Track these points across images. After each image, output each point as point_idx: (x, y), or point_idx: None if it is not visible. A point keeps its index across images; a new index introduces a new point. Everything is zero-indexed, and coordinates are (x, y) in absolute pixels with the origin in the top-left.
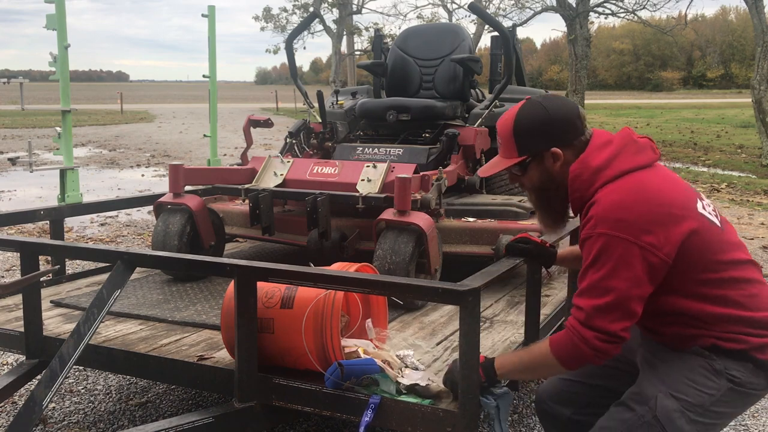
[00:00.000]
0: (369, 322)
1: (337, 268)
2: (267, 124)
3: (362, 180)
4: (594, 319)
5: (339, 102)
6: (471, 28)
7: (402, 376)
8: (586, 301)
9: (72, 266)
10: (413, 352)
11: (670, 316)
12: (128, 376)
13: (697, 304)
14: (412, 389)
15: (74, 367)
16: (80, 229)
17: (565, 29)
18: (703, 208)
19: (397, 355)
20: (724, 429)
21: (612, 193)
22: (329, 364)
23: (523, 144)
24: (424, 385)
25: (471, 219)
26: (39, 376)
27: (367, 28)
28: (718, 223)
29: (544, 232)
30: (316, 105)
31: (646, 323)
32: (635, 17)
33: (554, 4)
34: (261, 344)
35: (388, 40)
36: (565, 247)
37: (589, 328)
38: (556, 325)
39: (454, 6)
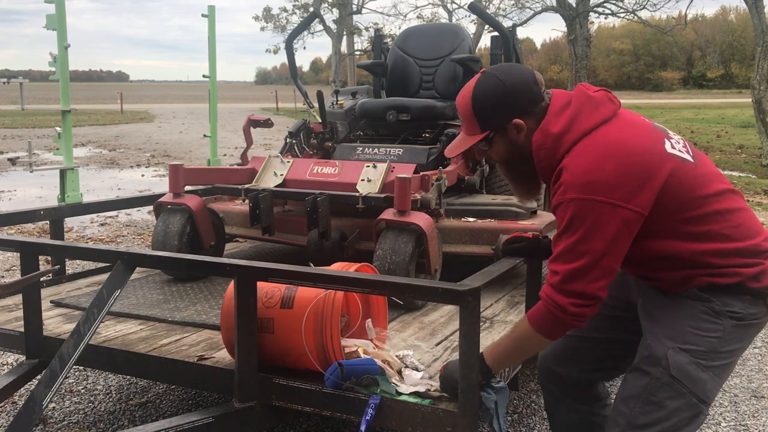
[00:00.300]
0: (369, 322)
1: (338, 268)
2: (267, 124)
3: (362, 180)
4: (570, 283)
5: (339, 102)
6: (471, 28)
7: (402, 378)
8: (561, 266)
9: (72, 266)
10: (413, 352)
11: (659, 261)
12: (128, 376)
13: (683, 244)
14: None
15: (74, 367)
16: (80, 229)
17: (565, 29)
18: (672, 147)
19: (396, 355)
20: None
21: (578, 156)
22: (329, 364)
23: (485, 119)
24: (424, 390)
25: (471, 219)
26: (39, 376)
27: (367, 28)
28: (691, 159)
29: (520, 202)
30: (316, 105)
31: (638, 271)
32: (635, 17)
33: (554, 4)
34: (261, 344)
35: (388, 40)
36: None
37: (564, 293)
38: None
39: (454, 6)
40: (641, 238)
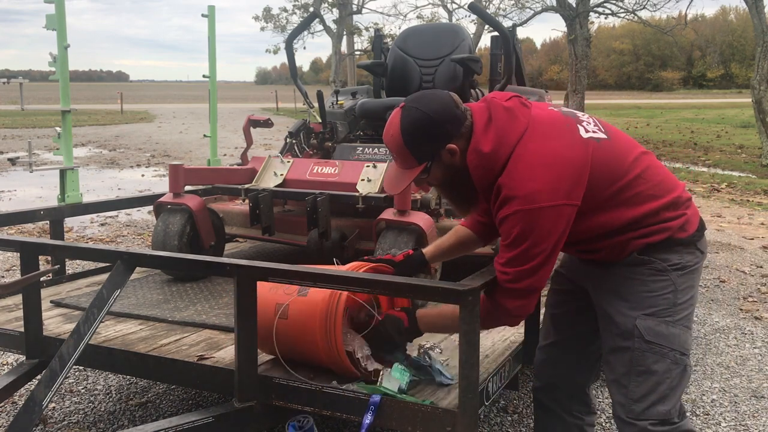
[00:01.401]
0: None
1: (352, 268)
2: (267, 124)
3: (362, 180)
4: (521, 281)
5: (339, 102)
6: (471, 28)
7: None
8: (512, 268)
9: (72, 266)
10: (432, 342)
11: (599, 235)
12: (128, 376)
13: (618, 212)
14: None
15: (74, 367)
16: (80, 229)
17: (565, 29)
18: (586, 131)
19: (420, 345)
20: None
21: (512, 172)
22: (333, 354)
23: (419, 152)
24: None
25: None
26: (39, 376)
27: (367, 28)
28: (605, 136)
29: (462, 216)
30: (316, 105)
31: (580, 247)
32: (635, 17)
33: (554, 4)
34: (277, 331)
35: (388, 40)
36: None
37: (511, 294)
38: None
39: (454, 6)
40: (580, 220)
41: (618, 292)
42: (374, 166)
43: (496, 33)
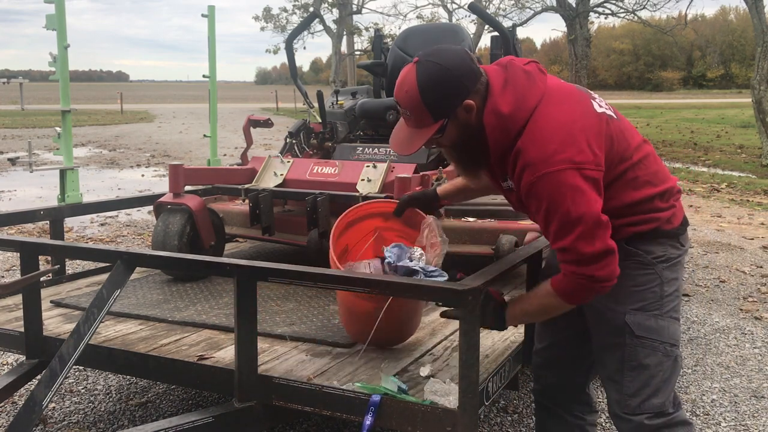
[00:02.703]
0: (430, 221)
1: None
2: (267, 124)
3: (362, 180)
4: (584, 249)
5: (339, 102)
6: (471, 28)
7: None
8: (566, 241)
9: (72, 266)
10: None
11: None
12: (128, 376)
13: (619, 193)
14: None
15: (74, 367)
16: (80, 229)
17: (565, 29)
18: (599, 106)
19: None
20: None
21: (533, 135)
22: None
23: (436, 109)
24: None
25: (471, 219)
26: (39, 376)
27: (367, 28)
28: (614, 115)
29: (470, 183)
30: (316, 105)
31: None
32: (635, 17)
33: (554, 4)
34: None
35: (388, 40)
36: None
37: (585, 262)
38: None
39: (454, 6)
40: None
41: None
42: (374, 166)
43: (496, 33)
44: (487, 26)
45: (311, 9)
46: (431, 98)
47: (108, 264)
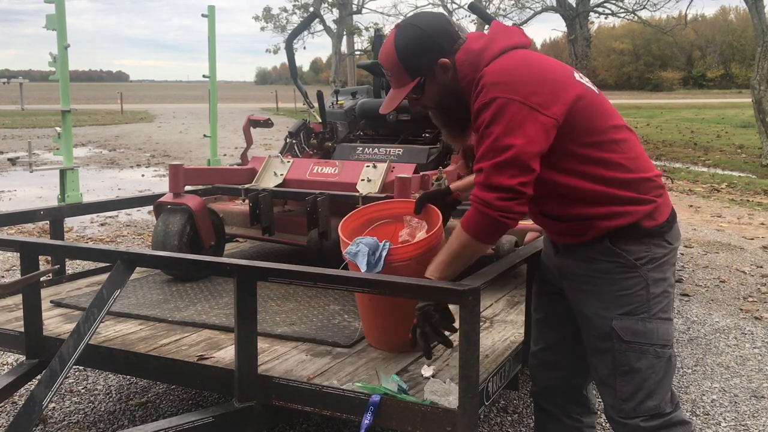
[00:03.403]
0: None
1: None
2: (267, 124)
3: (362, 180)
4: (493, 177)
5: (339, 102)
6: (471, 28)
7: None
8: (485, 163)
9: (72, 266)
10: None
11: (563, 194)
12: (128, 376)
13: (586, 167)
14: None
15: (74, 367)
16: (80, 229)
17: (565, 29)
18: (580, 77)
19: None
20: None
21: (497, 63)
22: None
23: (412, 67)
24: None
25: None
26: (39, 376)
27: (367, 28)
28: (595, 90)
29: (453, 147)
30: (316, 105)
31: (546, 209)
32: (635, 17)
33: (554, 4)
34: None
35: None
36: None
37: (489, 188)
38: None
39: (454, 6)
40: (552, 159)
41: (591, 292)
42: (374, 166)
43: None
44: (487, 26)
45: (311, 9)
46: (406, 56)
47: (108, 264)
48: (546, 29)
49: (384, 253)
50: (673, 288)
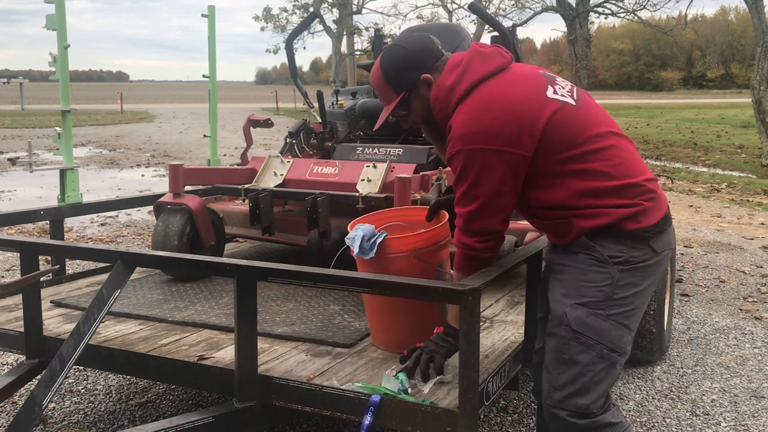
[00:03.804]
0: None
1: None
2: (267, 124)
3: (362, 180)
4: (470, 224)
5: (339, 102)
6: (471, 28)
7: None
8: (461, 209)
9: (72, 266)
10: None
11: (544, 204)
12: (128, 376)
13: (564, 182)
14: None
15: (74, 367)
16: (80, 229)
17: (565, 29)
18: (555, 92)
19: None
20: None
21: (462, 112)
22: None
23: (396, 83)
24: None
25: None
26: (39, 376)
27: (367, 28)
28: (573, 102)
29: (443, 160)
30: (316, 105)
31: (527, 218)
32: (635, 17)
33: (554, 4)
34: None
35: (388, 39)
36: None
37: (469, 234)
38: None
39: (454, 6)
40: (530, 182)
41: (558, 277)
42: (374, 166)
43: (496, 33)
44: (487, 26)
45: (311, 9)
46: (390, 73)
47: (108, 264)
48: (546, 29)
49: (379, 240)
50: (644, 301)
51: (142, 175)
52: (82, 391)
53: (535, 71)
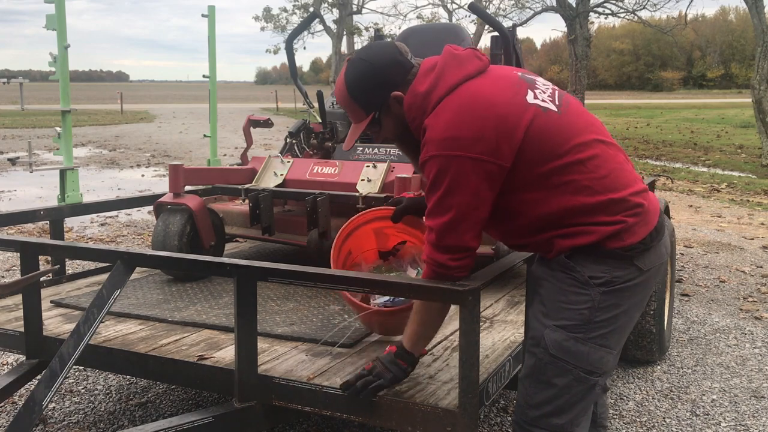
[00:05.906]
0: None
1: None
2: (267, 124)
3: (362, 180)
4: (443, 239)
5: None
6: (471, 28)
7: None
8: (433, 221)
9: (72, 266)
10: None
11: (523, 222)
12: (128, 376)
13: (545, 195)
14: None
15: (74, 367)
16: (80, 229)
17: (565, 29)
18: (535, 97)
19: None
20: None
21: (439, 114)
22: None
23: (365, 103)
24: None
25: None
26: (39, 376)
27: (367, 28)
28: (555, 108)
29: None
30: (316, 105)
31: (504, 237)
32: (635, 17)
33: (554, 4)
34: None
35: (388, 40)
36: None
37: (441, 250)
38: None
39: (454, 6)
40: (505, 193)
41: (538, 291)
42: (374, 166)
43: (496, 33)
44: (487, 26)
45: (311, 9)
46: (357, 92)
47: (108, 264)
48: (546, 29)
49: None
50: (629, 319)
51: (142, 175)
52: (82, 391)
53: (514, 74)
